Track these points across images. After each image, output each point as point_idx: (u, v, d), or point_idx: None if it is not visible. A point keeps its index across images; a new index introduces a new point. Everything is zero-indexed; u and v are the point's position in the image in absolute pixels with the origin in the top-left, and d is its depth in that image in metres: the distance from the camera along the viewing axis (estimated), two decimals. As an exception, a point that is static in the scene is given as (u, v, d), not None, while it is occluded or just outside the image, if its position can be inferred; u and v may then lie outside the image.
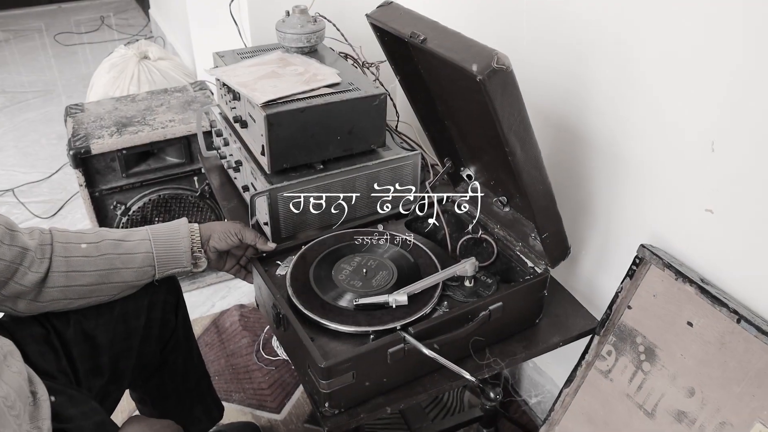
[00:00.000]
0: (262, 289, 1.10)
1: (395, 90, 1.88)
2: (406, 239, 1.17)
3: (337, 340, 0.98)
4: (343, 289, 1.05)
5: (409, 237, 1.19)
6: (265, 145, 1.26)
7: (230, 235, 1.12)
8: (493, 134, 1.00)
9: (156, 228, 1.08)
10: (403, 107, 1.70)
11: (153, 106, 1.94)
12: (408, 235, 1.20)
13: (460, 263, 1.06)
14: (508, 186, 1.16)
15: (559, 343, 1.14)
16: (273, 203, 1.27)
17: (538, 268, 1.12)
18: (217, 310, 1.99)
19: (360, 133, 1.34)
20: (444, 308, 1.04)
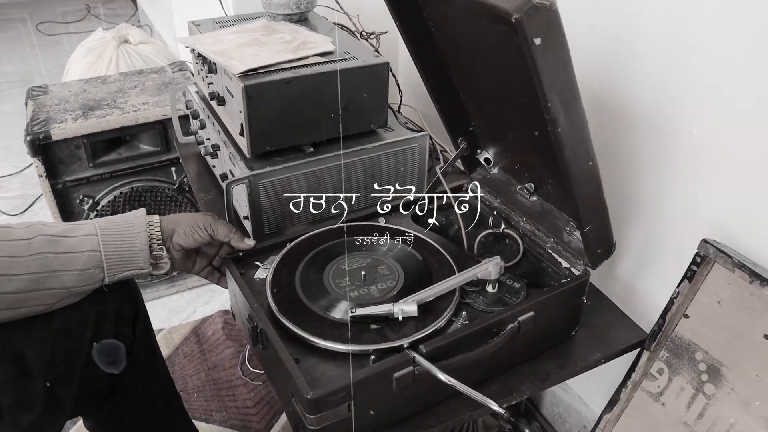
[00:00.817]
0: (237, 296, 0.90)
1: (397, 65, 1.68)
2: (413, 235, 0.97)
3: (328, 361, 0.77)
4: (337, 297, 0.85)
5: (417, 233, 0.98)
6: (244, 124, 1.06)
7: (199, 229, 0.91)
8: (524, 102, 0.80)
9: (105, 221, 0.87)
10: (406, 86, 1.50)
11: (126, 88, 1.73)
12: (415, 230, 0.99)
13: (481, 264, 0.86)
14: (537, 170, 0.96)
15: (601, 360, 0.94)
16: (254, 192, 1.06)
17: (575, 270, 0.91)
18: (198, 317, 1.78)
19: (357, 111, 1.13)
20: (462, 320, 0.83)
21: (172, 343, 1.69)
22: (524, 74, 0.68)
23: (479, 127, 1.04)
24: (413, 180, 1.22)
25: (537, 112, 0.79)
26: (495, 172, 1.09)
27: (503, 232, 1.00)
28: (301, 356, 0.77)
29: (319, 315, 0.81)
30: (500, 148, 1.04)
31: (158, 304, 1.84)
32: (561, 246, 0.95)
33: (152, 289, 1.85)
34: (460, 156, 1.07)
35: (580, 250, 0.92)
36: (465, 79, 0.96)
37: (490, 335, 0.82)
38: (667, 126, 0.94)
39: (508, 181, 1.06)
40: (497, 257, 0.86)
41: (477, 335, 0.80)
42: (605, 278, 1.13)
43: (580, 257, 0.91)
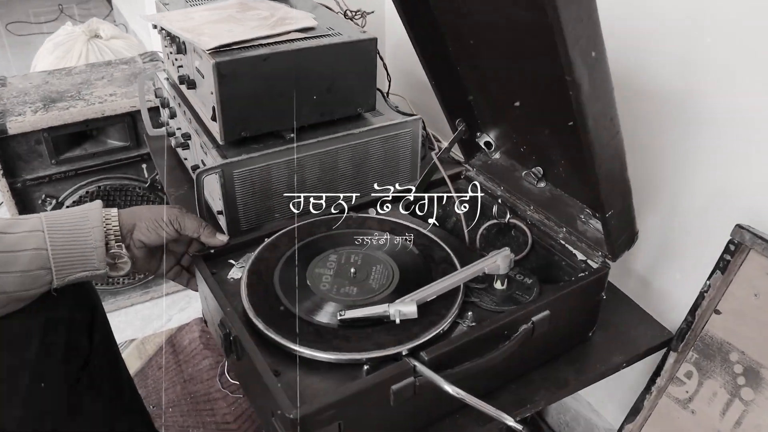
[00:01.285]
0: (208, 299, 0.78)
1: (384, 49, 1.57)
2: (409, 228, 0.86)
3: (314, 373, 0.66)
4: (323, 298, 0.73)
5: (413, 225, 0.87)
6: (216, 107, 0.94)
7: (163, 223, 0.79)
8: (537, 69, 0.69)
9: (54, 215, 0.75)
10: (395, 73, 1.39)
11: (92, 79, 1.61)
12: (411, 222, 0.88)
13: (488, 257, 0.75)
14: (547, 150, 0.85)
15: (623, 364, 0.83)
16: (227, 184, 0.94)
17: (593, 262, 0.81)
18: (174, 325, 1.66)
19: (343, 92, 1.02)
20: (468, 321, 0.72)
21: (145, 353, 1.56)
22: (541, 33, 0.58)
23: (479, 107, 0.93)
24: (405, 169, 1.11)
25: (552, 80, 0.68)
26: (497, 157, 0.98)
27: (509, 222, 0.89)
28: (281, 368, 0.66)
29: (303, 319, 0.70)
30: (503, 130, 0.93)
31: (131, 311, 1.71)
32: (575, 236, 0.84)
33: (124, 296, 1.72)
34: (458, 140, 0.96)
35: (598, 240, 0.81)
36: (465, 49, 0.85)
37: (501, 338, 0.71)
38: (692, 103, 0.84)
39: (511, 166, 0.96)
40: (506, 249, 0.75)
41: (486, 339, 0.69)
42: (618, 273, 1.02)
43: (598, 248, 0.81)
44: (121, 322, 1.68)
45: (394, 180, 1.10)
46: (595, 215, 0.83)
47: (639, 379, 1.04)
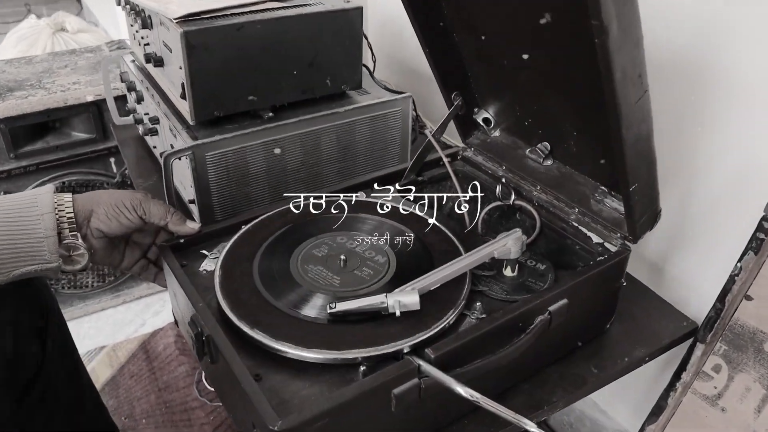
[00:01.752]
0: (177, 295, 0.68)
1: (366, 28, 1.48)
2: (404, 211, 0.77)
3: (301, 377, 0.56)
4: (310, 289, 0.63)
5: (408, 208, 0.78)
6: (185, 83, 0.84)
7: (125, 209, 0.69)
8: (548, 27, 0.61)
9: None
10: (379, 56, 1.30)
11: (54, 68, 1.49)
12: (406, 204, 0.79)
13: (498, 240, 0.66)
14: (557, 122, 0.77)
15: (645, 358, 0.75)
16: (199, 168, 0.85)
17: (610, 245, 0.72)
18: (148, 330, 1.54)
19: (326, 68, 0.93)
20: (477, 313, 0.63)
21: (116, 361, 1.45)
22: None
23: (478, 79, 0.84)
24: (395, 152, 1.02)
25: (568, 37, 0.60)
26: (496, 134, 0.89)
27: (514, 204, 0.81)
28: (263, 371, 0.56)
29: (286, 313, 0.60)
30: (504, 103, 0.84)
31: (102, 316, 1.60)
32: (589, 217, 0.75)
33: (94, 300, 1.60)
34: (455, 115, 0.87)
35: (616, 221, 0.73)
36: (462, 10, 0.76)
37: (515, 332, 0.62)
38: (712, 74, 0.76)
39: (513, 144, 0.87)
40: (517, 230, 0.67)
41: (498, 332, 0.60)
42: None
43: (616, 229, 0.72)
44: (91, 328, 1.56)
45: (383, 164, 1.01)
46: (611, 193, 0.75)
47: (651, 375, 0.96)
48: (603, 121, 0.66)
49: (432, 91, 1.24)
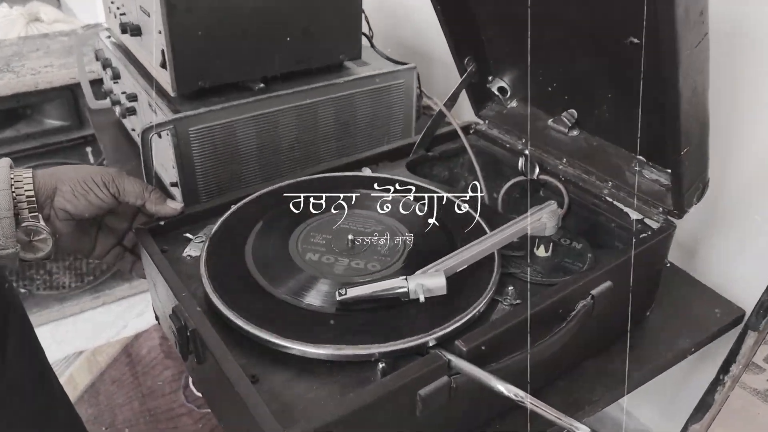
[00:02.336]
0: (157, 285, 0.58)
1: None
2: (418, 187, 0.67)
3: (307, 377, 0.47)
4: (314, 273, 0.54)
5: (421, 183, 0.69)
6: (165, 49, 0.75)
7: (95, 186, 0.59)
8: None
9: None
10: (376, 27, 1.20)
11: (25, 51, 1.39)
12: (419, 180, 0.70)
13: (532, 212, 0.57)
14: (587, 87, 0.68)
15: (691, 350, 0.66)
16: (182, 144, 0.75)
17: (651, 221, 0.64)
18: (130, 333, 1.44)
19: (322, 35, 0.84)
20: (511, 298, 0.54)
21: (96, 366, 1.34)
22: None
23: (494, 43, 0.75)
24: (397, 129, 0.93)
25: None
26: (513, 105, 0.81)
27: (538, 179, 0.72)
28: (260, 371, 0.46)
29: (287, 303, 0.51)
30: (524, 69, 0.76)
31: (80, 319, 1.49)
32: (625, 191, 0.67)
33: (72, 302, 1.50)
34: (468, 83, 0.78)
35: (657, 193, 0.64)
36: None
37: (555, 320, 0.53)
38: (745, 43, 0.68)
39: (533, 115, 0.78)
40: (551, 203, 0.58)
41: (540, 321, 0.51)
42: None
43: (657, 203, 0.64)
44: (69, 331, 1.45)
45: (386, 141, 0.92)
46: (649, 163, 0.66)
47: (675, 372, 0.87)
48: (648, 76, 0.57)
49: (433, 72, 1.15)
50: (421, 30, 1.17)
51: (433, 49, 1.14)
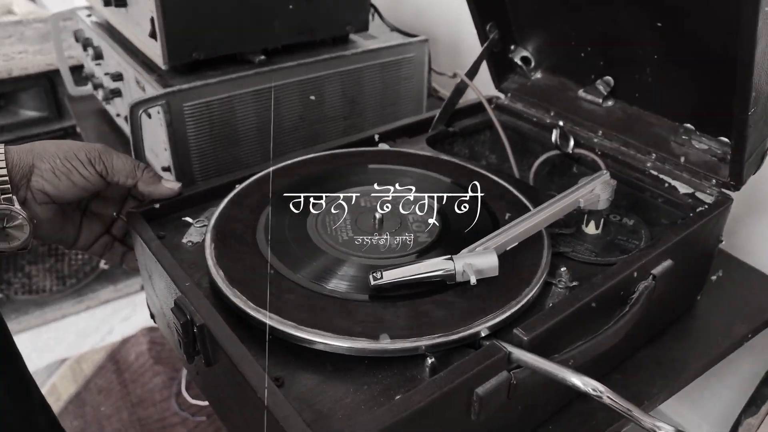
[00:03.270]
0: (154, 275, 0.50)
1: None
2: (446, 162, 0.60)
3: (341, 377, 0.39)
4: (341, 254, 0.47)
5: (448, 157, 0.62)
6: (155, 16, 0.67)
7: (80, 164, 0.52)
8: None
9: None
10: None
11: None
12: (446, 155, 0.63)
13: (581, 185, 0.50)
14: (626, 49, 0.61)
15: (747, 335, 0.60)
16: (176, 122, 0.67)
17: (704, 194, 0.57)
18: (116, 338, 1.35)
19: (326, 3, 0.76)
20: (565, 281, 0.47)
21: (81, 375, 1.25)
22: None
23: (519, 6, 0.69)
24: (409, 106, 0.86)
25: None
26: (538, 76, 0.74)
27: (573, 153, 0.65)
28: (286, 372, 0.39)
29: (310, 291, 0.43)
30: (552, 34, 0.69)
31: (62, 325, 1.40)
32: (671, 163, 0.60)
33: (53, 307, 1.40)
34: (490, 51, 0.71)
35: (708, 164, 0.58)
36: None
37: (615, 303, 0.46)
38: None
39: (561, 85, 0.72)
40: (605, 172, 0.51)
41: (600, 305, 0.45)
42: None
43: (710, 174, 0.57)
44: (51, 338, 1.36)
45: (396, 120, 0.85)
46: (697, 132, 0.60)
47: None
48: (705, 35, 0.51)
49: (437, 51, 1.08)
50: (421, 6, 1.10)
51: (438, 26, 1.07)
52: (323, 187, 0.54)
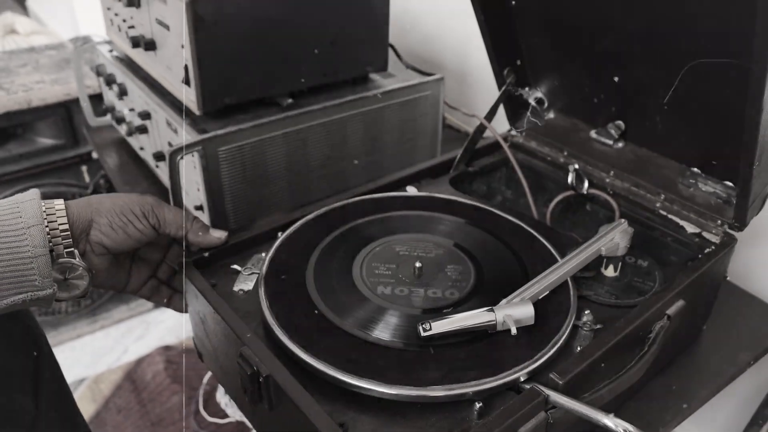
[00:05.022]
0: (209, 323, 0.54)
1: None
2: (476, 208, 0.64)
3: (399, 421, 0.43)
4: (387, 308, 0.51)
5: (477, 203, 0.66)
6: (190, 65, 0.71)
7: (135, 218, 0.55)
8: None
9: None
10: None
11: (12, 66, 1.32)
12: (473, 200, 0.67)
13: (602, 234, 0.55)
14: (639, 98, 0.66)
15: (750, 362, 0.65)
16: (211, 166, 0.71)
17: (710, 234, 0.62)
18: (131, 358, 1.38)
19: (349, 47, 0.81)
20: (590, 323, 0.51)
21: (100, 395, 1.29)
22: None
23: (536, 53, 0.73)
24: (425, 142, 0.90)
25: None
26: (551, 116, 0.79)
27: (587, 194, 0.70)
28: (347, 417, 0.43)
29: (363, 341, 0.48)
30: (567, 79, 0.74)
31: (77, 345, 1.43)
32: (678, 204, 0.65)
33: (68, 327, 1.43)
34: (507, 96, 0.76)
35: (714, 206, 0.63)
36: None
37: (636, 343, 0.51)
38: None
39: (573, 126, 0.76)
40: (623, 221, 0.56)
41: (622, 346, 0.49)
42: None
43: (715, 215, 0.62)
44: (67, 358, 1.39)
45: (412, 159, 0.90)
46: (702, 175, 0.65)
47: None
48: (713, 90, 0.56)
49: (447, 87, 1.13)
50: (430, 42, 1.15)
51: (444, 57, 1.12)
52: (361, 234, 0.58)
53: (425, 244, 0.58)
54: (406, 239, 0.59)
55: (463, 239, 0.59)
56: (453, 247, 0.58)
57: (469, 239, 0.60)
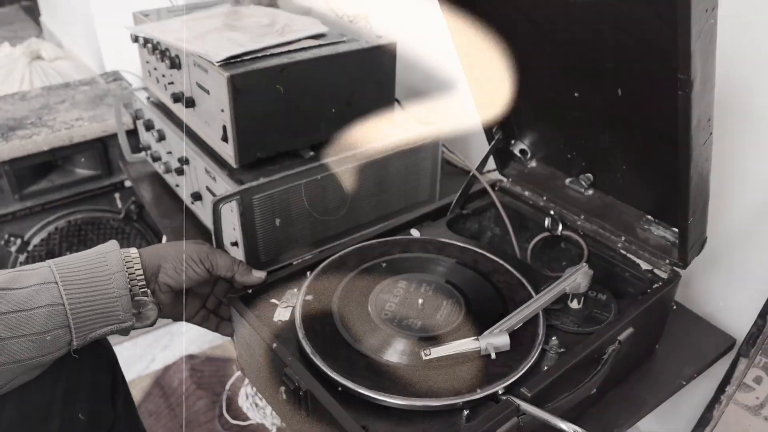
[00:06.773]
0: (254, 346, 0.68)
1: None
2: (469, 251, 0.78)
3: (406, 424, 0.58)
4: (395, 334, 0.65)
5: (468, 245, 0.80)
6: (228, 126, 0.85)
7: (194, 263, 0.69)
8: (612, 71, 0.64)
9: (65, 261, 0.64)
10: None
11: (51, 103, 1.46)
12: (459, 241, 0.81)
13: (567, 275, 0.69)
14: (603, 156, 0.80)
15: (694, 375, 0.79)
16: (246, 212, 0.85)
17: (660, 271, 0.76)
18: (159, 366, 1.52)
19: (363, 103, 0.94)
20: (555, 347, 0.65)
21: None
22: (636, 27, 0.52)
23: (519, 114, 0.87)
24: (425, 185, 1.04)
25: (632, 79, 0.63)
26: (533, 165, 0.92)
27: (561, 234, 0.84)
28: (368, 422, 0.57)
29: (377, 361, 0.61)
30: (545, 136, 0.87)
31: (108, 355, 1.56)
32: (636, 245, 0.79)
33: (99, 339, 1.57)
34: (495, 148, 0.90)
35: (664, 247, 0.77)
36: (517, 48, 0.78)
37: (592, 362, 0.65)
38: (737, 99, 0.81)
39: (552, 174, 0.90)
40: (584, 265, 0.69)
41: (580, 365, 0.63)
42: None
43: (665, 255, 0.76)
44: (99, 367, 1.52)
45: (415, 198, 1.03)
46: (656, 221, 0.79)
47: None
48: (659, 157, 0.70)
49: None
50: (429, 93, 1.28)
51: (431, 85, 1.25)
52: (373, 273, 0.72)
53: (425, 282, 0.72)
54: (410, 278, 0.73)
55: (456, 277, 0.73)
56: (446, 284, 0.72)
57: (459, 277, 0.73)
